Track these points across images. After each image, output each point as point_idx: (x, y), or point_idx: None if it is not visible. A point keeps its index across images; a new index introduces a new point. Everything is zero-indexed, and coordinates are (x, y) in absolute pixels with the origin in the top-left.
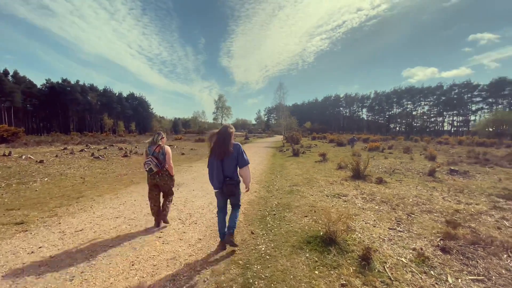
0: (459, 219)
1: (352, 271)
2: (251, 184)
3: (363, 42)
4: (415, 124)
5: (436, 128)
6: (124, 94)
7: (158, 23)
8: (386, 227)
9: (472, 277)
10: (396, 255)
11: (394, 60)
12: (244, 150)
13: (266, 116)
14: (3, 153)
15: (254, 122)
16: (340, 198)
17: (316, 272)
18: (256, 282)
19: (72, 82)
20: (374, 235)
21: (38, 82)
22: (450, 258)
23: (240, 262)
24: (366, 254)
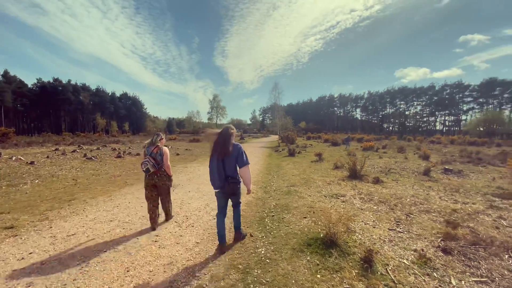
0: (458, 219)
1: (354, 274)
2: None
3: (357, 43)
4: (408, 123)
5: (428, 127)
6: (117, 94)
7: (151, 22)
8: (386, 228)
9: (475, 278)
10: (397, 257)
11: (387, 60)
12: (244, 151)
13: (261, 116)
14: None
15: (249, 122)
16: (338, 198)
17: (318, 276)
18: None
19: (63, 82)
20: (374, 236)
21: (29, 81)
22: (451, 259)
23: (239, 267)
24: (368, 256)
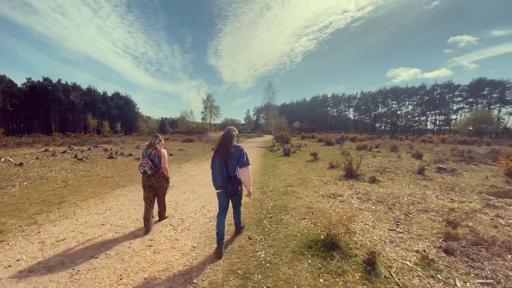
0: (457, 219)
1: (358, 278)
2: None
3: (349, 43)
4: (400, 123)
5: (419, 127)
6: (109, 94)
7: (144, 21)
8: (386, 228)
9: (480, 280)
10: (400, 259)
11: (379, 61)
12: (246, 152)
13: (255, 115)
14: None
15: (243, 121)
16: (336, 198)
17: (321, 280)
18: None
19: (54, 81)
20: (375, 237)
21: (19, 81)
22: (454, 260)
23: (239, 272)
24: (371, 258)
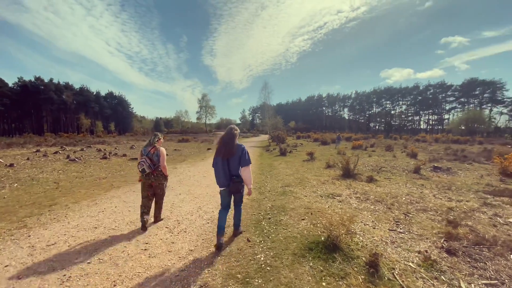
0: (457, 218)
1: (361, 281)
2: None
3: (344, 44)
4: (394, 122)
5: (413, 126)
6: (102, 93)
7: (137, 20)
8: (386, 229)
9: (484, 281)
10: (402, 260)
11: (373, 61)
12: (247, 151)
13: (250, 115)
14: None
15: (238, 121)
16: (334, 198)
17: (323, 283)
18: None
19: (45, 81)
20: (376, 238)
21: (10, 80)
22: (457, 260)
23: (238, 276)
24: (374, 260)
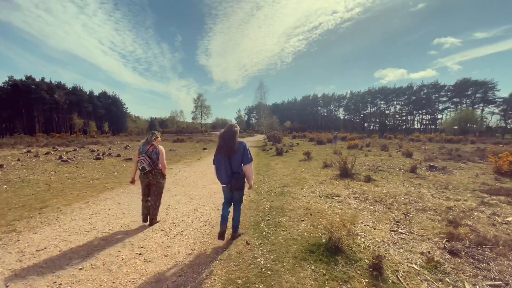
0: (456, 217)
1: (365, 284)
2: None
3: (339, 44)
4: (388, 122)
5: (407, 126)
6: (95, 93)
7: (131, 19)
8: (387, 229)
9: (489, 282)
10: (406, 262)
11: (367, 61)
12: (249, 149)
13: (246, 115)
14: None
15: (234, 121)
16: (333, 198)
17: None
18: None
19: (37, 80)
20: (377, 239)
21: (0, 79)
22: (460, 261)
23: (238, 281)
24: (378, 263)
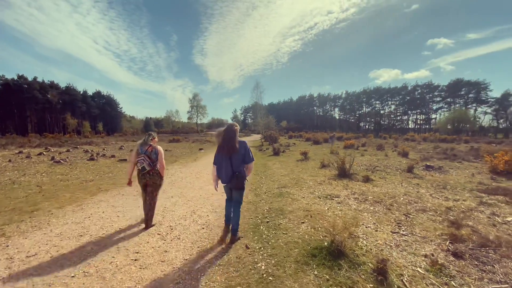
0: (457, 218)
1: None
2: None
3: (334, 44)
4: (383, 122)
5: (402, 126)
6: (89, 92)
7: (126, 18)
8: (389, 231)
9: (495, 285)
10: (410, 265)
11: (362, 61)
12: (250, 148)
13: (242, 115)
14: None
15: (230, 121)
16: (333, 199)
17: None
18: None
19: (29, 79)
20: (379, 241)
21: None
22: (465, 264)
23: None
24: (382, 267)
